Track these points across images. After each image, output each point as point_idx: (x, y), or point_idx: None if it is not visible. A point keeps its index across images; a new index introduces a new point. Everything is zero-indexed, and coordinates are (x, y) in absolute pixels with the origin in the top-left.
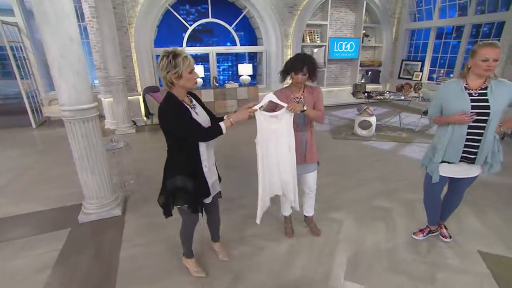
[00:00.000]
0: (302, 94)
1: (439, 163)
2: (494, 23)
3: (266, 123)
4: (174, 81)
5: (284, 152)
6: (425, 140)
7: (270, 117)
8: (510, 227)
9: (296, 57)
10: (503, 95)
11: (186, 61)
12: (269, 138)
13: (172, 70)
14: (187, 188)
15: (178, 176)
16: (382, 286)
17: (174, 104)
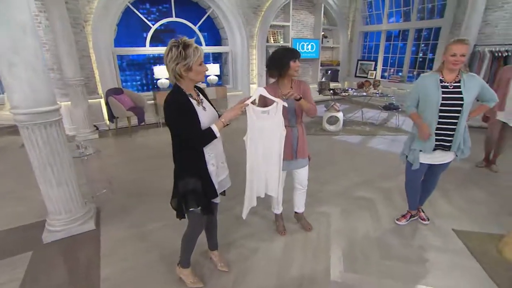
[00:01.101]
0: (290, 90)
1: (419, 151)
2: (432, 28)
3: (257, 120)
4: (183, 73)
5: (274, 150)
6: (387, 132)
7: (261, 112)
8: (472, 206)
9: (285, 49)
10: (474, 87)
11: (197, 52)
12: (260, 136)
13: (182, 61)
14: (198, 190)
15: (187, 178)
16: (380, 273)
17: (180, 99)
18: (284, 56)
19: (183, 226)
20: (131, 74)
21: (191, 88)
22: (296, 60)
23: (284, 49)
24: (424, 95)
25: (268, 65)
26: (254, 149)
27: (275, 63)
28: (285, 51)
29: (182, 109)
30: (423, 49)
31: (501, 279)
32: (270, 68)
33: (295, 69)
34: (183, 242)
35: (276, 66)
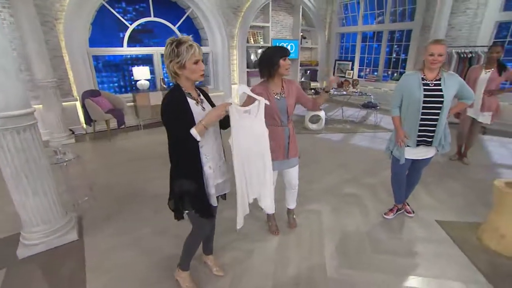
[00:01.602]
0: (282, 89)
1: (405, 146)
2: (404, 30)
3: (240, 119)
4: (178, 71)
5: (260, 151)
6: (366, 129)
7: (244, 112)
8: (451, 197)
9: (275, 47)
10: (453, 85)
11: (190, 50)
12: (244, 136)
13: (175, 59)
14: (193, 192)
15: (183, 179)
16: (372, 267)
17: (177, 98)
18: (274, 54)
19: (173, 231)
20: (107, 75)
21: (190, 87)
22: (286, 58)
23: (274, 47)
24: (407, 93)
25: (259, 64)
26: (240, 151)
27: (265, 61)
28: (275, 49)
29: (176, 108)
30: (396, 50)
31: (482, 264)
32: (260, 67)
33: (286, 67)
34: (186, 245)
35: (266, 64)
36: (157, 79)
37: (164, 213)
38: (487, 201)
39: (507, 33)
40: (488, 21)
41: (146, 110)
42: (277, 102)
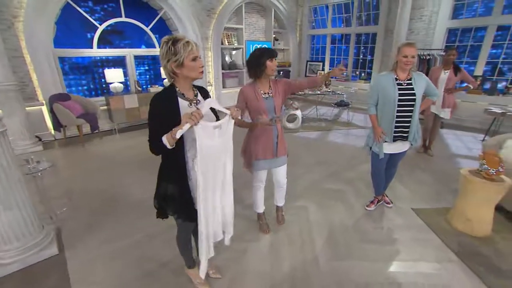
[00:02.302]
0: (269, 89)
1: (384, 142)
2: (370, 33)
3: (208, 138)
4: (176, 70)
5: (226, 174)
6: (340, 127)
7: (213, 128)
8: (421, 187)
9: (262, 49)
10: (422, 84)
11: (187, 47)
12: (209, 158)
13: (172, 57)
14: (176, 197)
15: (167, 183)
16: (362, 256)
17: (165, 96)
18: (261, 55)
19: (162, 237)
20: (75, 78)
21: (187, 88)
22: (273, 59)
23: (261, 49)
24: (383, 93)
25: (247, 65)
26: (204, 178)
27: (253, 62)
28: (262, 50)
29: (158, 108)
30: (363, 51)
31: (453, 244)
32: (248, 68)
33: (272, 68)
34: (178, 246)
35: (254, 65)
36: (131, 82)
37: (149, 219)
38: (452, 188)
39: (456, 38)
40: (440, 27)
41: (121, 114)
42: (265, 101)
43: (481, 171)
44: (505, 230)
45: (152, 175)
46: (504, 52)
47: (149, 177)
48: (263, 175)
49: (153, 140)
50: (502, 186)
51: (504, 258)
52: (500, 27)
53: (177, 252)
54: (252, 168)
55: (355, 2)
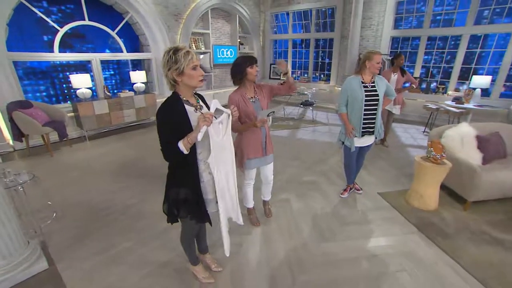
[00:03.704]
0: (255, 93)
1: (354, 136)
2: (327, 39)
3: (216, 135)
4: (177, 78)
5: (231, 167)
6: (307, 124)
7: (218, 124)
8: (382, 173)
9: (243, 57)
10: (382, 85)
11: (187, 56)
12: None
13: (173, 66)
14: (189, 200)
15: (180, 187)
16: (346, 238)
17: (172, 104)
18: (242, 63)
19: (158, 240)
20: (31, 83)
21: (189, 95)
22: (254, 65)
23: (242, 57)
24: (351, 94)
25: (231, 72)
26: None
27: (235, 70)
28: (243, 58)
29: (167, 114)
30: (322, 55)
31: (412, 219)
32: (232, 76)
33: (253, 74)
34: (182, 244)
35: (237, 73)
36: (98, 87)
37: (140, 224)
38: (406, 172)
39: (398, 45)
40: (385, 36)
41: (91, 120)
42: (253, 104)
43: (429, 157)
44: (447, 203)
45: (135, 181)
46: (434, 58)
47: (131, 183)
48: (254, 173)
49: (167, 148)
50: (445, 168)
51: (447, 224)
52: (430, 38)
53: (175, 252)
54: (244, 167)
55: (313, 10)
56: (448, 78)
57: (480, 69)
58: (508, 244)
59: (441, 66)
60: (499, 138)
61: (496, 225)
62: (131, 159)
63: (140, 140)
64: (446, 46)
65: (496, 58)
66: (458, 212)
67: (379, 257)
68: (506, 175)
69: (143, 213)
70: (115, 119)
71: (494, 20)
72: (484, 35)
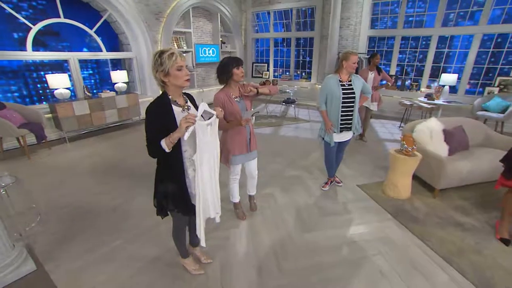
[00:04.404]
0: (239, 93)
1: (333, 132)
2: (308, 38)
3: (203, 135)
4: (164, 79)
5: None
6: (289, 122)
7: (206, 125)
8: (361, 166)
9: (229, 58)
10: (359, 84)
11: (172, 57)
12: (205, 152)
13: (159, 68)
14: (176, 194)
15: (167, 182)
16: (327, 227)
17: (160, 103)
18: (228, 64)
19: (147, 236)
20: (1, 83)
21: (177, 95)
22: (240, 67)
23: (228, 58)
24: (330, 92)
25: (217, 72)
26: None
27: (222, 70)
28: (229, 59)
29: (154, 113)
30: (303, 54)
31: (388, 207)
32: (218, 75)
33: (239, 75)
34: (174, 238)
35: (223, 73)
36: (77, 87)
37: (128, 223)
38: (383, 165)
39: (375, 44)
40: (363, 35)
41: (71, 122)
42: (238, 103)
43: (402, 149)
44: (419, 192)
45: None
46: (408, 57)
47: (116, 184)
48: (239, 168)
49: (151, 145)
50: (416, 159)
51: (418, 210)
52: (404, 38)
53: (166, 247)
54: (230, 163)
55: (293, 10)
56: (421, 75)
57: (448, 67)
58: (468, 225)
59: (414, 64)
60: (462, 132)
61: (459, 209)
62: (115, 160)
63: (123, 140)
64: (418, 45)
65: (462, 57)
66: (428, 200)
67: (357, 243)
68: (467, 164)
69: (130, 212)
70: (96, 120)
71: (459, 23)
72: (450, 36)
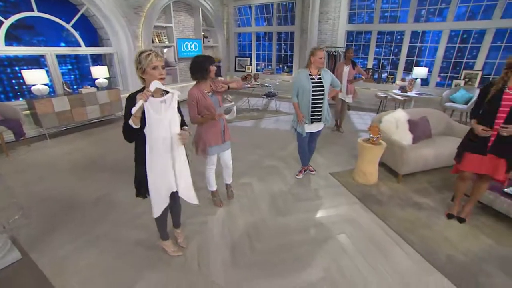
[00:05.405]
0: (211, 88)
1: (305, 123)
2: (289, 32)
3: (156, 112)
4: (142, 76)
5: (174, 140)
6: (270, 115)
7: (160, 102)
8: (335, 156)
9: (204, 56)
10: (328, 78)
11: (148, 57)
12: (158, 128)
13: (138, 65)
14: (143, 178)
15: (137, 167)
16: (298, 212)
17: (133, 98)
18: (204, 62)
19: (130, 223)
20: None
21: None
22: (213, 65)
23: (203, 56)
24: (301, 86)
25: (192, 70)
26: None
27: (198, 68)
28: (204, 58)
29: (131, 105)
30: (284, 47)
31: (356, 192)
32: (193, 72)
33: (214, 72)
34: (155, 221)
35: (199, 70)
36: (56, 83)
37: (111, 213)
38: (355, 154)
39: (353, 38)
40: (341, 30)
41: (51, 118)
42: (211, 98)
43: (369, 139)
44: (386, 178)
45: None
46: (384, 51)
47: (99, 177)
48: (215, 158)
49: (124, 128)
50: (381, 147)
51: (383, 194)
52: (380, 32)
53: (147, 233)
54: (206, 153)
55: (274, 4)
56: (396, 69)
57: (421, 61)
58: (424, 205)
59: (390, 58)
60: (426, 122)
61: (419, 191)
62: (97, 155)
63: (106, 135)
64: (393, 40)
65: (433, 52)
66: (393, 184)
67: (325, 224)
68: (429, 151)
69: (114, 203)
70: (77, 116)
71: (430, 19)
72: (422, 31)
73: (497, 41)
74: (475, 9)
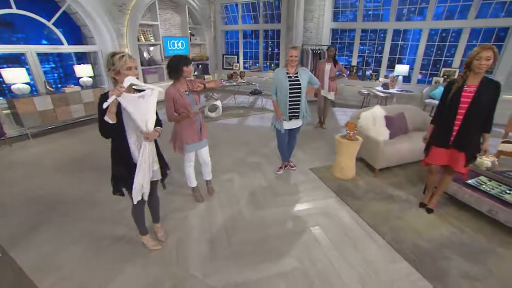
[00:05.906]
0: (188, 87)
1: (283, 120)
2: (275, 30)
3: (132, 106)
4: (116, 77)
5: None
6: (256, 112)
7: (138, 97)
8: (316, 152)
9: (180, 57)
10: (305, 76)
11: (122, 59)
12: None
13: (111, 67)
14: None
15: (115, 165)
16: (277, 206)
17: (106, 96)
18: (178, 63)
19: (111, 219)
20: None
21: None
22: (189, 65)
23: (179, 57)
24: (279, 83)
25: (168, 69)
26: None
27: (173, 68)
28: (179, 58)
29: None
30: (271, 45)
31: (334, 187)
32: (169, 72)
33: (189, 72)
34: (132, 216)
35: (173, 70)
36: (38, 82)
37: (95, 210)
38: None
39: (338, 36)
40: (326, 28)
41: (33, 117)
42: (187, 97)
43: (346, 135)
44: (363, 173)
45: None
46: (368, 49)
47: (83, 176)
48: (193, 155)
49: (100, 125)
50: (357, 143)
51: (359, 188)
52: (364, 30)
53: (128, 229)
54: (184, 150)
55: (260, 2)
56: (380, 66)
57: (403, 59)
58: (397, 198)
59: (374, 55)
60: (403, 118)
61: (394, 185)
62: (82, 154)
63: (90, 135)
64: (376, 38)
65: (414, 50)
66: (370, 179)
67: (301, 217)
68: (404, 146)
69: (97, 201)
70: (61, 115)
71: (411, 18)
72: (403, 30)
73: (472, 40)
74: (452, 8)
